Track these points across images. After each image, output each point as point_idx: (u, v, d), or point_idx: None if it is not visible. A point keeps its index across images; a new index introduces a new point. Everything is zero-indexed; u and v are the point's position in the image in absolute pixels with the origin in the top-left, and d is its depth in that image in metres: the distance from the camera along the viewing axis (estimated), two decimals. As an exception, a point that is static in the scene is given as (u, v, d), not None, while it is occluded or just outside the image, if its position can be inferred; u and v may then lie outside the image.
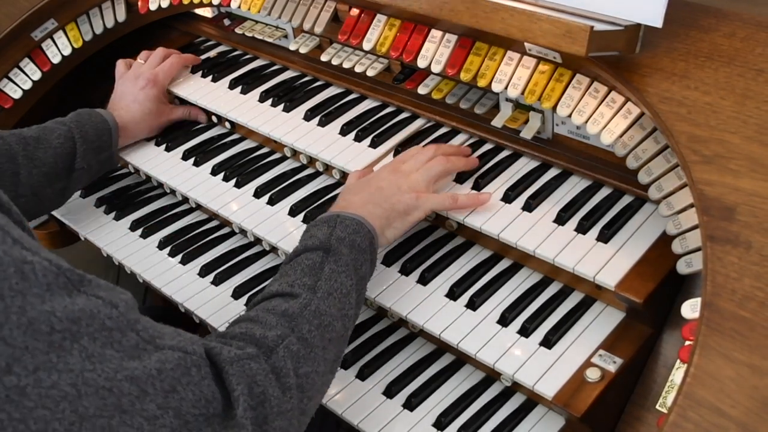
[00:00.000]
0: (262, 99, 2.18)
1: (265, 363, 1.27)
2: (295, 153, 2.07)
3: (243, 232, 2.03)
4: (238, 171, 2.09)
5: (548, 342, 1.51)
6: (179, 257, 2.03)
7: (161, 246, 2.08)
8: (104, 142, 2.08)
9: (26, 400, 0.99)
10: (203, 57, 2.44)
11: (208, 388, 1.17)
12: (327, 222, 1.55)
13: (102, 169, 2.14)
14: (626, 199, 1.65)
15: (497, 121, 1.79)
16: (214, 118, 2.32)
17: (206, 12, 2.51)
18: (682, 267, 1.38)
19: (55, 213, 2.25)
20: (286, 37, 2.29)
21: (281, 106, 2.13)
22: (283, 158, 2.12)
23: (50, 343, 1.02)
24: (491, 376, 1.62)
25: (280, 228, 1.89)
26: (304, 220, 1.89)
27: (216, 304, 1.87)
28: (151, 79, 2.22)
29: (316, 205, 1.93)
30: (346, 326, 1.46)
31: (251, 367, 1.24)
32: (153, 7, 2.34)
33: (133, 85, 2.21)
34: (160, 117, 2.24)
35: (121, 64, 2.33)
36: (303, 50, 2.16)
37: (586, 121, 1.54)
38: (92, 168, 2.07)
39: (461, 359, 1.68)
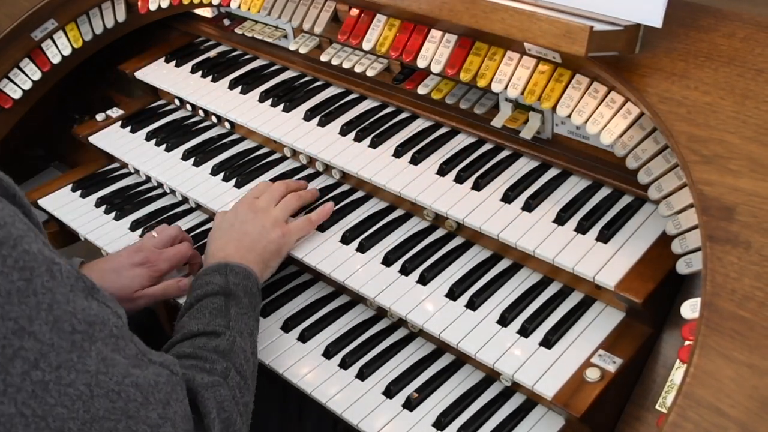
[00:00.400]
0: (262, 99, 2.18)
1: (228, 390, 1.36)
2: (295, 153, 2.07)
3: (243, 232, 2.03)
4: (238, 171, 2.09)
5: (548, 342, 1.51)
6: (179, 257, 2.02)
7: (161, 246, 2.07)
8: None
9: (48, 397, 1.05)
10: (203, 57, 2.44)
11: (187, 408, 1.25)
12: (218, 270, 1.62)
13: None
14: (626, 199, 1.65)
15: (497, 121, 1.80)
16: (213, 118, 2.32)
17: (206, 12, 2.51)
18: (682, 267, 1.38)
19: (55, 213, 2.25)
20: (285, 37, 2.29)
21: (281, 106, 2.13)
22: (283, 158, 2.12)
23: (72, 342, 1.08)
24: (491, 376, 1.62)
25: (280, 228, 1.89)
26: (304, 220, 1.90)
27: (216, 304, 1.86)
28: (151, 261, 1.82)
29: (315, 205, 1.93)
30: (255, 363, 1.54)
31: (221, 393, 1.34)
32: (153, 7, 2.34)
33: (127, 256, 1.83)
34: (133, 302, 1.79)
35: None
36: (303, 50, 2.16)
37: (586, 121, 1.54)
38: None
39: (461, 359, 1.68)
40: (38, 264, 1.07)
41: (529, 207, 1.67)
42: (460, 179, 1.77)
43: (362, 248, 1.79)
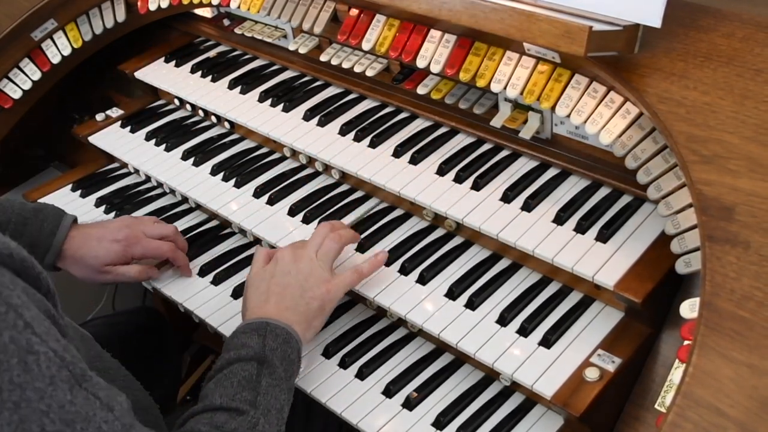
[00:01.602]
0: (262, 99, 2.18)
1: None
2: (295, 153, 2.07)
3: (242, 231, 2.03)
4: (238, 171, 2.10)
5: (547, 342, 1.51)
6: (179, 257, 2.03)
7: (161, 246, 2.08)
8: (33, 254, 1.60)
9: None
10: (203, 57, 2.44)
11: None
12: (257, 330, 1.52)
13: None
14: (625, 199, 1.65)
15: (496, 121, 1.80)
16: (213, 118, 2.32)
17: (206, 12, 2.51)
18: (681, 267, 1.38)
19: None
20: (285, 37, 2.29)
21: (280, 106, 2.13)
22: (283, 158, 2.12)
23: None
24: (490, 375, 1.62)
25: (280, 228, 1.90)
26: (304, 220, 1.90)
27: (215, 304, 1.87)
28: (130, 241, 1.85)
29: (315, 204, 1.93)
30: None
31: None
32: (153, 7, 2.34)
33: (114, 230, 1.86)
34: (100, 275, 1.85)
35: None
36: (302, 50, 2.16)
37: (585, 121, 1.54)
38: None
39: (460, 359, 1.68)
40: (9, 356, 0.98)
41: (528, 207, 1.67)
42: (459, 179, 1.78)
43: (361, 248, 1.79)
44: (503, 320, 1.58)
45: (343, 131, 1.99)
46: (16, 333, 0.99)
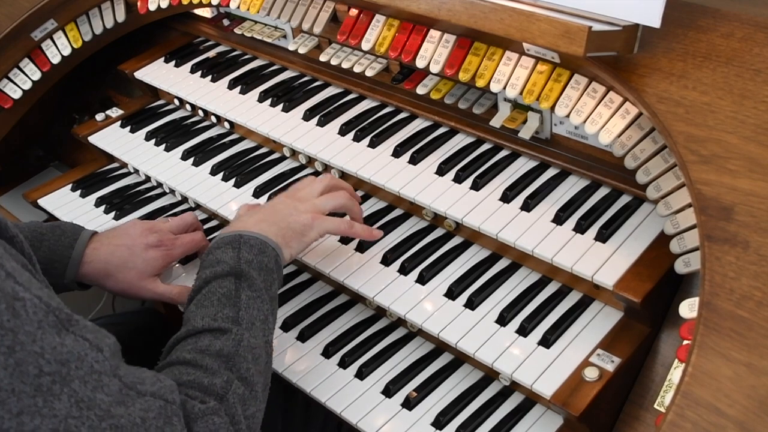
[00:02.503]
0: (261, 99, 2.18)
1: (225, 415, 1.27)
2: (294, 153, 2.07)
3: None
4: (238, 171, 2.10)
5: (546, 341, 1.52)
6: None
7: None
8: (53, 269, 1.71)
9: None
10: (202, 57, 2.44)
11: None
12: (230, 244, 1.50)
13: None
14: (624, 199, 1.65)
15: (496, 121, 1.80)
16: (213, 118, 2.32)
17: (205, 12, 2.51)
18: (680, 266, 1.38)
19: (55, 213, 2.25)
20: (285, 37, 2.29)
21: (280, 106, 2.13)
22: (282, 158, 2.12)
23: (38, 386, 1.00)
24: (490, 375, 1.63)
25: (279, 228, 1.90)
26: (303, 220, 1.90)
27: (215, 304, 1.86)
28: (166, 244, 1.79)
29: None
30: (269, 352, 1.45)
31: (215, 422, 1.24)
32: (152, 7, 2.34)
33: (140, 234, 1.78)
34: (141, 289, 1.76)
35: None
36: (302, 50, 2.16)
37: (585, 121, 1.54)
38: None
39: (460, 358, 1.68)
40: None
41: (527, 207, 1.67)
42: (458, 179, 1.78)
43: (361, 248, 1.79)
44: (503, 320, 1.58)
45: (343, 131, 1.99)
46: (0, 281, 0.99)
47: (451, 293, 1.65)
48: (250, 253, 1.49)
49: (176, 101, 2.42)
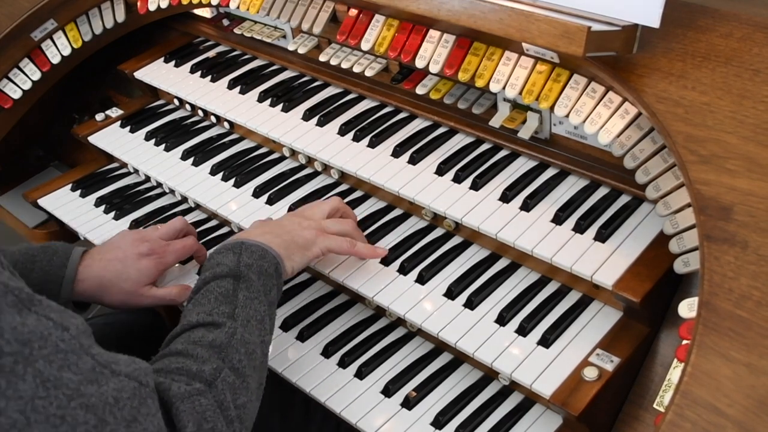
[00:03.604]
0: (261, 99, 2.18)
1: (212, 399, 1.25)
2: (294, 153, 2.08)
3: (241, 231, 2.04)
4: (237, 171, 2.10)
5: (546, 341, 1.52)
6: (178, 257, 2.03)
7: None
8: (48, 291, 1.66)
9: None
10: (202, 57, 2.44)
11: (161, 422, 1.15)
12: (232, 249, 1.53)
13: None
14: (623, 199, 1.65)
15: (495, 121, 1.80)
16: (212, 118, 2.32)
17: (205, 12, 2.51)
18: (679, 266, 1.39)
19: (55, 212, 2.25)
20: (284, 37, 2.29)
21: (280, 106, 2.14)
22: (282, 158, 2.12)
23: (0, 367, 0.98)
24: (489, 375, 1.63)
25: (279, 228, 1.90)
26: (303, 220, 1.90)
27: (215, 304, 1.87)
28: (157, 252, 1.79)
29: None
30: (265, 352, 1.45)
31: (201, 403, 1.23)
32: (152, 7, 2.34)
33: (131, 245, 1.78)
34: (139, 298, 1.77)
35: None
36: (301, 50, 2.17)
37: (584, 121, 1.54)
38: None
39: (459, 358, 1.68)
40: None
41: (527, 206, 1.67)
42: (458, 179, 1.78)
43: (361, 248, 1.79)
44: (502, 320, 1.58)
45: (342, 131, 2.00)
46: None
47: (451, 293, 1.65)
48: (250, 258, 1.51)
49: (176, 101, 2.42)
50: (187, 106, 2.39)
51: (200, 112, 2.33)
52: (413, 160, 1.86)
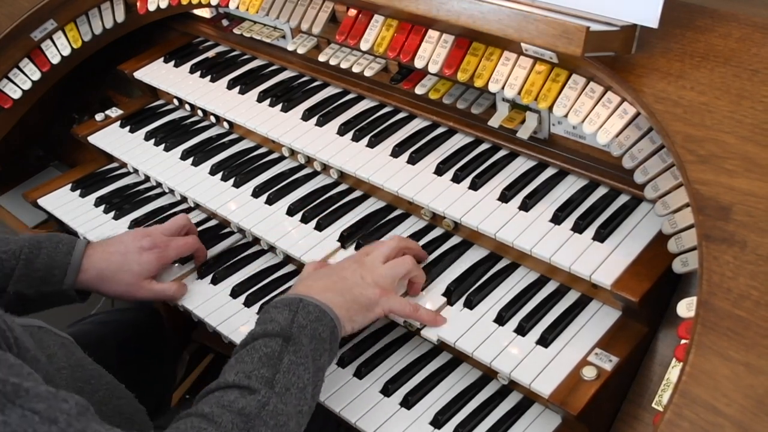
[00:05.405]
0: (260, 99, 2.18)
1: None
2: (293, 153, 2.08)
3: (241, 231, 2.04)
4: (237, 170, 2.10)
5: (545, 341, 1.52)
6: (178, 256, 2.03)
7: (160, 246, 2.08)
8: (53, 276, 1.74)
9: None
10: (202, 57, 2.45)
11: None
12: (288, 306, 1.47)
13: (49, 303, 1.81)
14: (622, 199, 1.66)
15: (494, 121, 1.80)
16: (212, 118, 2.32)
17: (205, 12, 2.51)
18: (678, 266, 1.39)
19: (54, 212, 2.26)
20: (284, 37, 2.29)
21: (279, 106, 2.14)
22: (281, 158, 2.13)
23: None
24: (488, 374, 1.63)
25: (279, 227, 1.90)
26: (302, 219, 1.90)
27: (214, 303, 1.87)
28: (160, 246, 1.83)
29: (313, 204, 1.93)
30: (300, 423, 1.39)
31: None
32: (152, 7, 2.34)
33: (134, 240, 1.83)
34: (139, 291, 1.82)
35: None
36: (301, 50, 2.17)
37: (583, 121, 1.54)
38: (27, 297, 1.74)
39: (458, 358, 1.68)
40: None
41: (526, 206, 1.67)
42: (457, 179, 1.78)
43: (360, 247, 1.79)
44: (501, 319, 1.58)
45: (342, 131, 2.00)
46: None
47: (450, 293, 1.65)
48: (305, 319, 1.45)
49: (175, 101, 2.42)
50: (187, 106, 2.39)
51: (200, 112, 2.33)
52: (412, 160, 1.86)
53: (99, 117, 2.43)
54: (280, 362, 1.37)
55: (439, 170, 1.81)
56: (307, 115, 2.07)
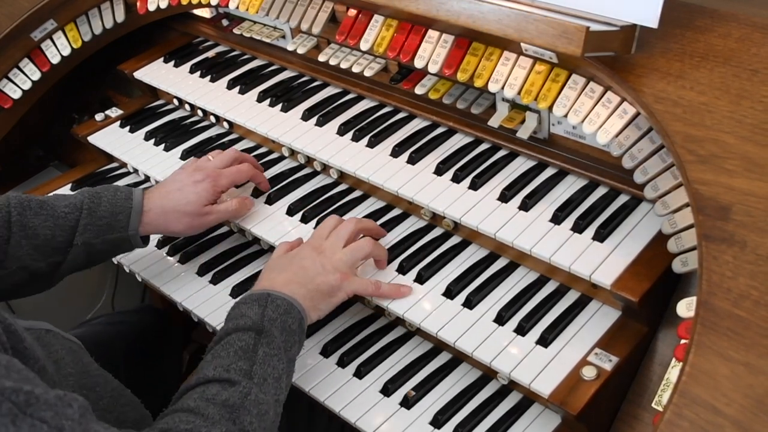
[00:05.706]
0: (260, 99, 2.18)
1: None
2: (293, 153, 2.08)
3: (241, 231, 2.04)
4: (237, 171, 2.10)
5: (544, 341, 1.52)
6: (178, 256, 2.03)
7: (160, 245, 2.08)
8: (117, 222, 1.78)
9: None
10: (202, 57, 2.45)
11: None
12: (257, 301, 1.52)
13: (113, 251, 1.86)
14: (622, 199, 1.66)
15: (494, 121, 1.80)
16: (212, 118, 2.32)
17: (205, 12, 2.51)
18: (678, 266, 1.39)
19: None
20: (284, 37, 2.29)
21: (279, 106, 2.14)
22: (281, 158, 2.13)
23: None
24: (488, 374, 1.63)
25: (278, 227, 1.90)
26: (302, 219, 1.90)
27: (214, 303, 1.87)
28: (211, 176, 1.89)
29: (313, 204, 1.94)
30: (277, 412, 1.44)
31: None
32: (152, 7, 2.34)
33: (188, 176, 1.89)
34: (202, 217, 1.88)
35: (190, 161, 2.02)
36: (301, 50, 2.17)
37: (582, 121, 1.54)
38: (94, 247, 1.78)
39: (458, 358, 1.69)
40: None
41: (525, 206, 1.68)
42: (457, 179, 1.78)
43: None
44: (501, 319, 1.58)
45: (342, 131, 2.00)
46: None
47: (450, 292, 1.65)
48: (275, 312, 1.50)
49: (175, 101, 2.42)
50: (187, 106, 2.39)
51: (200, 112, 2.33)
52: (412, 160, 1.86)
53: (99, 117, 2.43)
54: (255, 354, 1.42)
55: (439, 170, 1.81)
56: (307, 115, 2.07)
